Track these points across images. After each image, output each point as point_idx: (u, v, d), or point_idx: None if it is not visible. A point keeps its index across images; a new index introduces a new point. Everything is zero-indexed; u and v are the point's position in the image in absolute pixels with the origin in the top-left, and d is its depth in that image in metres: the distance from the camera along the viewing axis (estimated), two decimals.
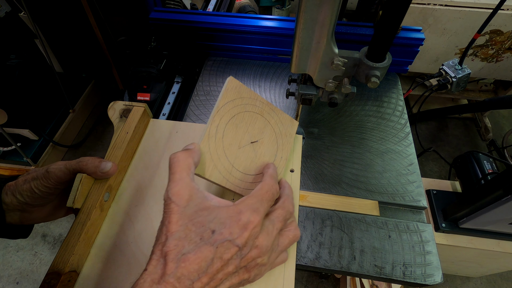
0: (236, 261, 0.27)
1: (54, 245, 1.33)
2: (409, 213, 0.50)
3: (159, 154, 0.45)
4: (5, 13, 1.23)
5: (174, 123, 0.49)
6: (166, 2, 0.85)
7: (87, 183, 0.37)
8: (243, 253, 0.28)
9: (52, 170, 0.36)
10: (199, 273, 0.25)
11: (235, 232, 0.27)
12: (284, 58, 0.74)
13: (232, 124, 0.37)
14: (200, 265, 0.25)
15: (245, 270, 0.29)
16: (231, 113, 0.37)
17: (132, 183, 0.42)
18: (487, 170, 0.92)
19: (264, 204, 0.31)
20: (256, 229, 0.28)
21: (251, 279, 0.30)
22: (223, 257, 0.26)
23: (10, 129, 1.32)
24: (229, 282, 0.28)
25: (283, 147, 0.40)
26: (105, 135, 1.71)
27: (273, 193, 0.32)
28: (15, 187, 0.36)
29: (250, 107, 0.39)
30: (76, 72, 1.70)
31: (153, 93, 0.97)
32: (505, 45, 1.20)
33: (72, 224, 0.36)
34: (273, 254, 0.31)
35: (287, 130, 0.42)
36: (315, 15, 0.32)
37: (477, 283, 1.22)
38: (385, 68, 0.37)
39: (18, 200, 0.36)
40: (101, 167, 0.37)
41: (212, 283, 0.26)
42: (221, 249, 0.26)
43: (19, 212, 0.37)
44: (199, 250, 0.26)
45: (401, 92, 0.68)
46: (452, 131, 1.72)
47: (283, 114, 0.42)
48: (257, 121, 0.39)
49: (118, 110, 0.47)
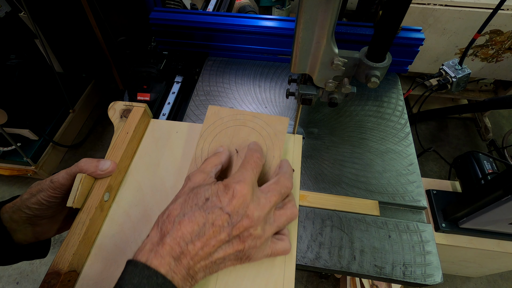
0: (228, 229, 0.29)
1: (54, 245, 1.33)
2: (409, 213, 0.50)
3: (159, 154, 0.45)
4: (5, 13, 1.23)
5: (174, 123, 0.49)
6: (166, 2, 0.85)
7: (87, 183, 0.37)
8: (233, 221, 0.29)
9: (56, 179, 0.36)
10: (192, 236, 0.28)
11: (225, 201, 0.29)
12: (284, 58, 0.74)
13: (215, 141, 0.42)
14: (193, 228, 0.28)
15: (239, 240, 0.29)
16: (213, 134, 0.43)
17: (132, 183, 0.42)
18: (487, 170, 0.92)
19: (248, 172, 0.32)
20: (245, 198, 0.30)
21: (247, 251, 0.30)
22: (214, 223, 0.28)
23: (10, 129, 1.32)
24: (223, 251, 0.29)
25: (274, 146, 0.41)
26: (105, 135, 1.71)
27: (255, 161, 0.34)
28: (21, 203, 0.36)
29: (231, 122, 0.43)
30: (76, 72, 1.70)
31: (153, 93, 0.97)
32: (505, 45, 1.20)
33: (72, 224, 0.36)
34: (268, 228, 0.31)
35: (275, 129, 0.42)
36: (315, 15, 0.32)
37: (477, 283, 1.22)
38: (385, 68, 0.37)
39: (27, 214, 0.36)
40: (99, 165, 0.38)
41: (206, 249, 0.28)
42: (212, 215, 0.28)
43: (31, 227, 0.38)
44: (192, 214, 0.29)
45: (401, 92, 0.68)
46: (452, 131, 1.72)
47: (269, 116, 0.44)
48: (240, 131, 0.42)
49: (118, 110, 0.47)
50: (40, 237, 0.39)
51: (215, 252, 0.29)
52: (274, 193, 0.32)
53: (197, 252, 0.28)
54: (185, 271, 0.27)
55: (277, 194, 0.32)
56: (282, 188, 0.33)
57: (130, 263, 0.27)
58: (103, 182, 0.38)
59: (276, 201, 0.32)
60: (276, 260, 0.36)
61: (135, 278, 0.25)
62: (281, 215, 0.33)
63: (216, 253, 0.29)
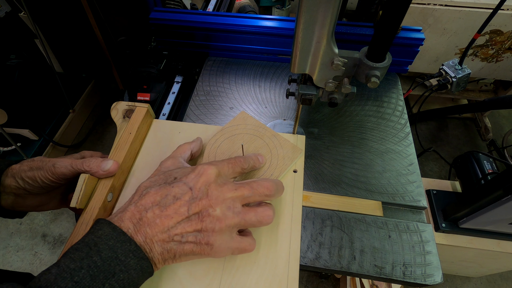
0: (188, 204, 0.30)
1: (54, 245, 1.33)
2: (409, 213, 0.50)
3: (161, 155, 0.45)
4: (5, 13, 1.23)
5: (177, 123, 0.49)
6: (166, 2, 0.85)
7: (90, 183, 0.37)
8: (194, 196, 0.30)
9: (59, 166, 0.37)
10: (153, 204, 0.30)
11: (190, 177, 0.32)
12: (284, 58, 0.74)
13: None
14: (156, 198, 0.30)
15: (198, 218, 0.30)
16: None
17: (135, 184, 0.42)
18: (487, 170, 0.92)
19: (223, 163, 0.35)
20: (209, 177, 0.32)
21: (206, 235, 0.30)
22: (175, 195, 0.30)
23: (10, 129, 1.32)
24: (182, 227, 0.29)
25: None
26: (105, 135, 1.71)
27: (237, 162, 0.36)
28: (18, 171, 0.37)
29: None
30: (76, 72, 1.70)
31: (153, 93, 0.97)
32: (505, 45, 1.20)
33: (76, 224, 0.36)
34: (230, 215, 0.31)
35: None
36: (315, 15, 0.32)
37: (477, 283, 1.22)
38: (385, 68, 0.37)
39: (18, 184, 0.37)
40: (101, 166, 0.38)
41: (165, 220, 0.29)
42: (176, 189, 0.31)
43: (13, 197, 0.38)
44: (158, 188, 0.31)
45: (401, 92, 0.68)
46: (452, 131, 1.72)
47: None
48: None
49: (121, 111, 0.47)
50: (16, 208, 0.39)
51: (173, 227, 0.29)
52: (244, 186, 0.33)
53: (155, 220, 0.29)
54: (142, 239, 0.28)
55: (248, 188, 0.32)
56: (258, 187, 0.33)
57: (105, 224, 0.28)
58: (106, 183, 0.38)
59: (244, 194, 0.32)
60: (279, 260, 0.36)
61: (111, 241, 0.27)
62: (250, 211, 0.32)
63: (174, 228, 0.29)
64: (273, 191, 0.34)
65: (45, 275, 0.25)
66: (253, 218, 0.32)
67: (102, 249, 0.26)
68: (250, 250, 0.33)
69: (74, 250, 0.27)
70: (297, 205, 0.41)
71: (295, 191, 0.42)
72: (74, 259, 0.26)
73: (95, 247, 0.26)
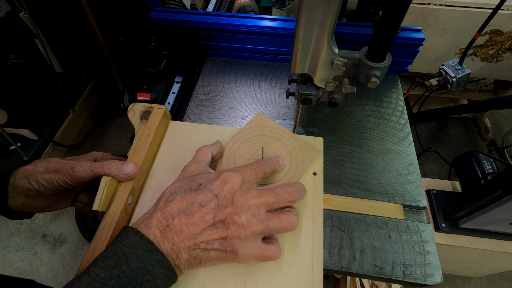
0: (214, 212, 0.30)
1: (54, 245, 1.33)
2: (409, 213, 0.50)
3: (179, 156, 0.45)
4: (5, 13, 1.23)
5: (194, 125, 0.49)
6: (166, 2, 0.85)
7: (111, 186, 0.37)
8: (220, 204, 0.30)
9: (78, 171, 0.36)
10: (179, 212, 0.30)
11: (215, 185, 0.32)
12: (284, 58, 0.74)
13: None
14: (182, 205, 0.30)
15: (223, 225, 0.30)
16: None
17: (153, 186, 0.42)
18: (487, 170, 0.92)
19: (246, 168, 0.34)
20: (234, 184, 0.32)
21: (231, 242, 0.30)
22: (201, 203, 0.30)
23: (10, 129, 1.32)
24: (207, 235, 0.29)
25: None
26: (105, 135, 1.71)
27: (259, 167, 0.36)
28: (33, 173, 0.36)
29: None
30: (76, 72, 1.70)
31: (153, 93, 0.97)
32: (505, 45, 1.20)
33: (97, 227, 0.35)
34: (255, 222, 0.31)
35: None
36: (315, 15, 0.32)
37: (477, 283, 1.22)
38: (385, 68, 0.37)
39: (31, 186, 0.36)
40: (122, 169, 0.37)
41: (191, 227, 0.29)
42: (201, 196, 0.31)
43: (24, 198, 0.37)
44: (184, 195, 0.31)
45: (401, 92, 0.68)
46: (452, 131, 1.72)
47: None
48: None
49: (138, 112, 0.46)
50: (25, 209, 0.39)
51: (199, 234, 0.29)
52: (268, 192, 0.32)
53: (182, 228, 0.29)
54: (169, 246, 0.28)
55: (272, 195, 0.32)
56: (282, 193, 0.33)
57: (133, 232, 0.28)
58: (127, 185, 0.38)
59: (268, 200, 0.32)
60: (303, 264, 0.35)
61: (139, 250, 0.27)
62: (274, 217, 0.32)
63: (200, 235, 0.29)
64: (296, 196, 0.34)
65: (76, 284, 0.25)
66: (277, 225, 0.32)
67: (130, 258, 0.27)
68: (274, 258, 0.33)
69: (103, 258, 0.27)
70: (318, 208, 0.40)
71: (315, 194, 0.42)
72: (104, 268, 0.26)
73: (124, 256, 0.27)
